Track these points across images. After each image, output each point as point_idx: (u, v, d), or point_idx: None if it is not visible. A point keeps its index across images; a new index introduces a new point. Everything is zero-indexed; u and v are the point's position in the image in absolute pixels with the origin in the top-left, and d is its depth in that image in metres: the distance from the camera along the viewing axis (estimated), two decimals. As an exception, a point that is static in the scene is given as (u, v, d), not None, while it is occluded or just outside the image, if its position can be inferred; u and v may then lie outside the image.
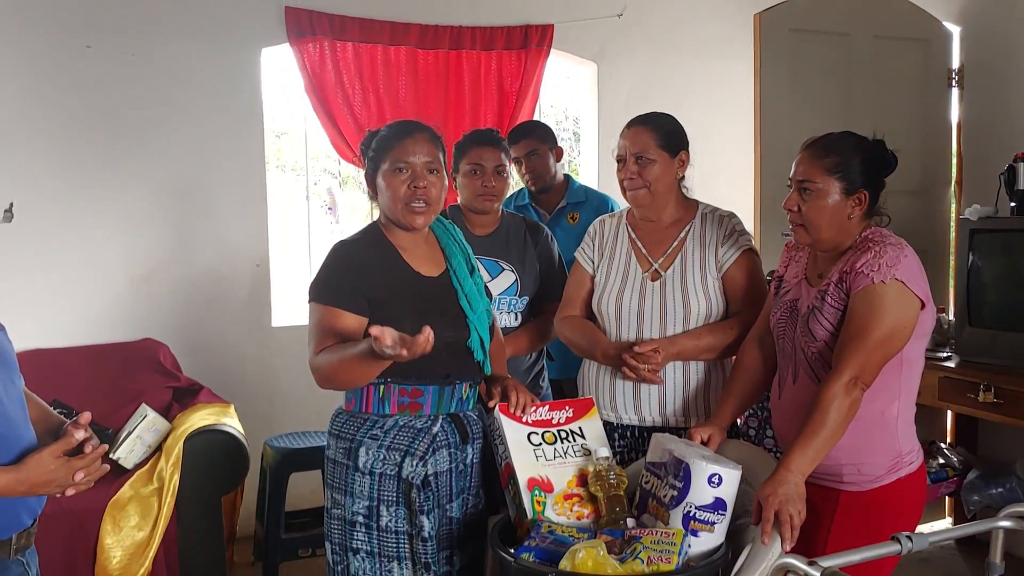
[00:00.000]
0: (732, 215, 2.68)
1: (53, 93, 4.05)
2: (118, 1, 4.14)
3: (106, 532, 3.26)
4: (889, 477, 2.20)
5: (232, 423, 3.63)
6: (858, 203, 2.22)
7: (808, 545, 2.06)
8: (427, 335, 1.97)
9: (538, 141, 3.69)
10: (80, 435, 1.88)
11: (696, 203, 2.71)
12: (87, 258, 4.15)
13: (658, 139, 2.59)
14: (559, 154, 3.79)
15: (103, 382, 3.89)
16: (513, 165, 3.70)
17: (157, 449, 3.54)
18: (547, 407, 2.33)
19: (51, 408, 2.11)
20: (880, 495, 2.20)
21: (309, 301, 2.29)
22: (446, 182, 2.36)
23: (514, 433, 2.26)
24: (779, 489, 1.98)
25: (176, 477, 3.38)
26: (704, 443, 2.30)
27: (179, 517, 3.40)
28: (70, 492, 1.90)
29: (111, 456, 3.44)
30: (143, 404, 3.66)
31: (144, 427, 3.54)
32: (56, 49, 4.04)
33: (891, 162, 2.27)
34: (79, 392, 3.82)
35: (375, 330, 1.95)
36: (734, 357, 2.56)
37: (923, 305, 2.15)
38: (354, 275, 2.26)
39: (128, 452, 3.49)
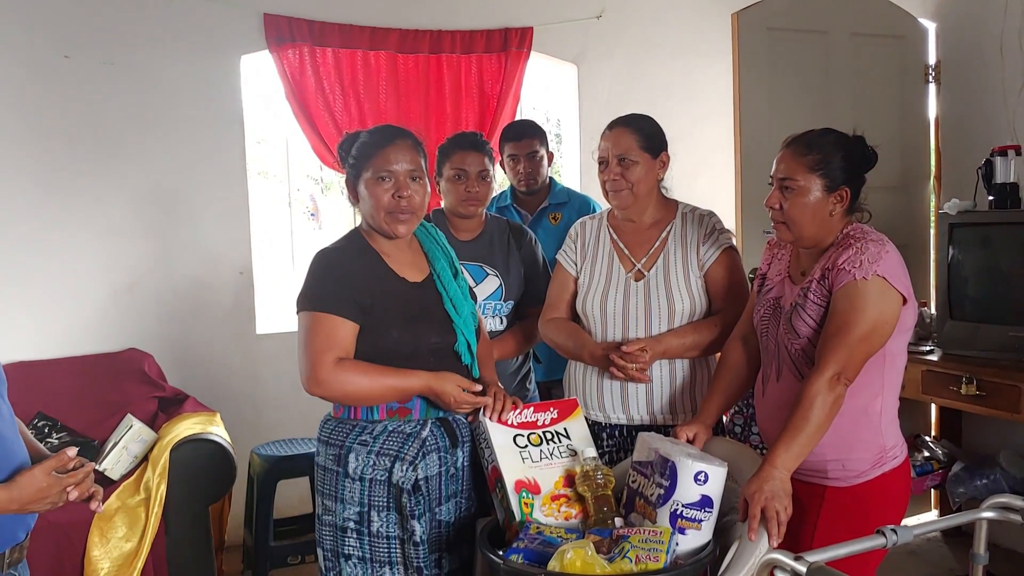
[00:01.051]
0: (711, 214, 2.71)
1: (32, 103, 4.03)
2: (96, 10, 4.12)
3: (93, 544, 3.24)
4: (874, 472, 2.22)
5: (218, 432, 3.62)
6: (839, 200, 2.23)
7: (794, 541, 2.07)
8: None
9: (540, 143, 3.70)
10: (73, 453, 1.88)
11: (676, 203, 2.73)
12: (69, 269, 4.13)
13: (640, 140, 2.61)
14: (551, 158, 3.81)
15: (88, 393, 3.88)
16: (507, 161, 3.71)
17: (143, 459, 3.53)
18: (532, 409, 2.34)
19: (28, 431, 2.10)
20: (865, 490, 2.21)
21: (302, 311, 2.26)
22: (428, 188, 2.36)
23: (500, 436, 2.26)
24: (764, 486, 1.99)
25: (163, 487, 3.36)
26: (690, 441, 2.31)
27: (167, 527, 3.39)
28: (74, 495, 1.90)
29: (97, 468, 3.43)
30: (128, 415, 3.65)
31: (130, 437, 3.53)
32: (34, 59, 4.02)
33: (871, 158, 2.28)
34: (64, 404, 3.81)
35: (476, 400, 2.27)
36: (718, 354, 2.57)
37: (905, 301, 2.17)
38: (344, 282, 2.25)
39: (114, 463, 3.48)
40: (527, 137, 3.68)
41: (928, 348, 3.78)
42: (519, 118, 4.47)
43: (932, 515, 4.45)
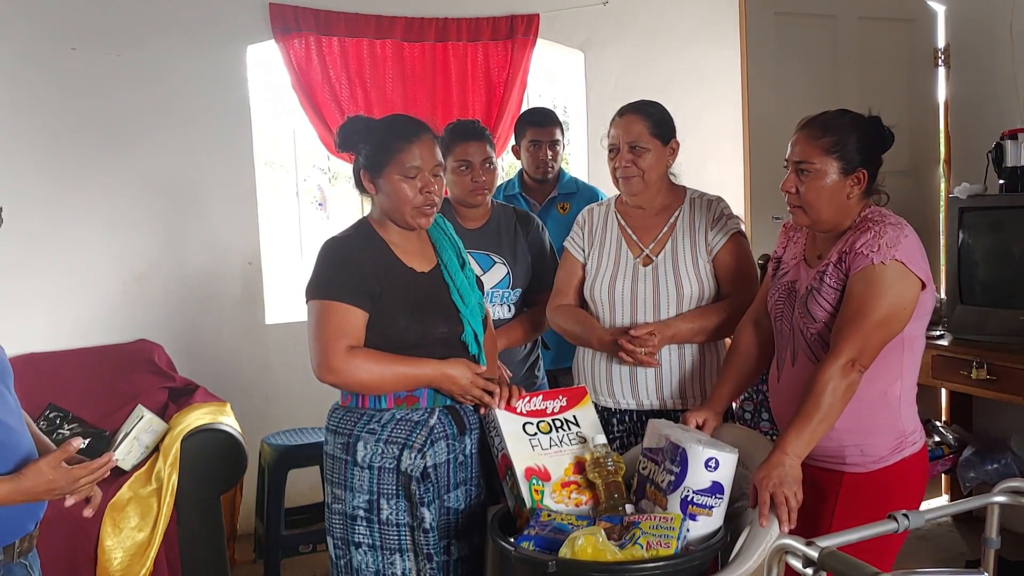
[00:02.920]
0: (719, 199, 2.70)
1: (39, 96, 4.04)
2: (102, 2, 4.12)
3: (106, 534, 3.26)
4: (893, 457, 2.18)
5: (229, 422, 3.63)
6: (857, 182, 2.19)
7: (813, 527, 2.06)
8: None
9: (560, 132, 3.70)
10: (77, 443, 1.90)
11: (684, 189, 2.73)
12: (78, 261, 4.14)
13: (651, 127, 2.60)
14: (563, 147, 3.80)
15: (98, 384, 3.89)
16: (527, 146, 3.66)
17: (155, 450, 3.54)
18: (541, 397, 2.34)
19: (34, 424, 2.12)
20: (884, 475, 2.18)
21: (311, 299, 2.26)
22: (444, 181, 2.38)
23: (509, 424, 2.26)
24: (774, 472, 1.98)
25: (174, 477, 3.38)
26: (699, 427, 2.30)
27: (179, 517, 3.40)
28: (69, 502, 1.92)
29: (108, 458, 3.44)
30: (139, 405, 3.66)
31: (141, 428, 3.54)
32: (41, 52, 4.02)
33: (888, 139, 2.24)
34: (74, 395, 3.82)
35: (487, 399, 2.27)
36: (728, 339, 2.56)
37: (924, 286, 2.13)
38: (353, 270, 2.26)
39: (126, 454, 3.49)
40: (551, 124, 3.67)
41: (938, 333, 3.76)
42: (536, 105, 4.43)
43: (943, 500, 4.44)
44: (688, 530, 1.98)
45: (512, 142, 3.83)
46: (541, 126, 3.66)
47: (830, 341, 2.13)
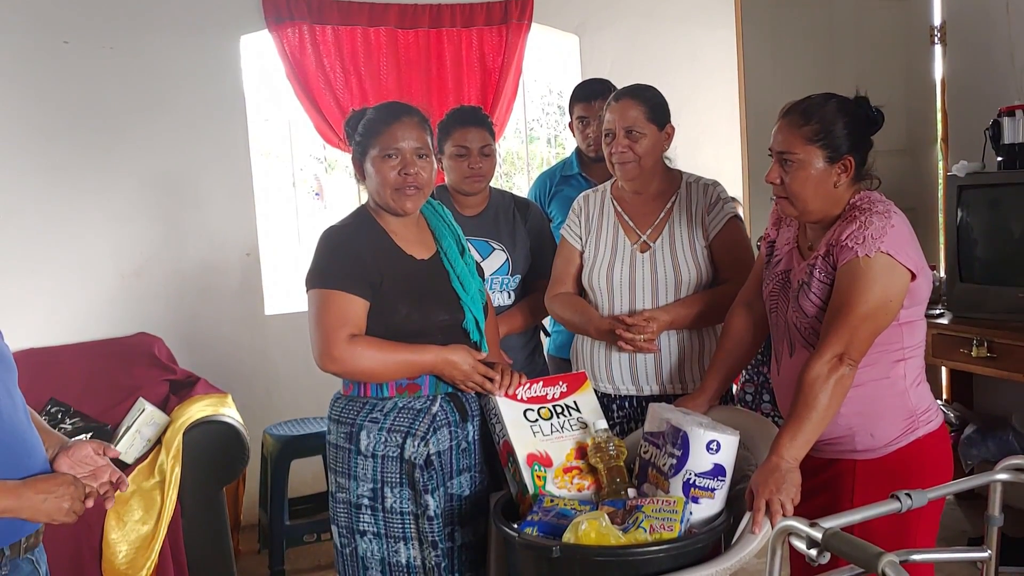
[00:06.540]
0: (716, 183, 2.69)
1: (32, 90, 4.02)
2: (93, -6, 4.11)
3: (111, 528, 3.27)
4: (906, 438, 2.13)
5: (230, 413, 3.63)
6: (844, 170, 2.10)
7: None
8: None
9: None
10: (114, 454, 2.02)
11: (680, 173, 2.72)
12: (76, 255, 4.13)
13: (647, 112, 2.59)
14: None
15: (99, 378, 3.89)
16: (576, 124, 3.48)
17: (157, 443, 3.54)
18: (541, 383, 2.33)
19: (40, 418, 2.12)
20: (900, 457, 2.13)
21: (312, 288, 2.26)
22: (435, 165, 2.36)
23: (510, 411, 2.26)
24: (771, 478, 1.94)
25: (177, 470, 3.38)
26: None
27: (182, 509, 3.41)
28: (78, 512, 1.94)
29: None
30: (140, 398, 3.67)
31: (143, 421, 3.55)
32: (33, 46, 4.00)
33: (877, 120, 2.16)
34: (75, 389, 3.83)
35: (488, 386, 2.26)
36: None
37: (914, 276, 2.06)
38: (353, 259, 2.26)
39: (128, 447, 3.50)
40: (599, 98, 3.40)
41: (938, 311, 3.76)
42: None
43: (945, 478, 4.45)
44: (691, 513, 1.98)
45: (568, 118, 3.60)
46: (588, 101, 3.44)
47: (820, 336, 2.07)
